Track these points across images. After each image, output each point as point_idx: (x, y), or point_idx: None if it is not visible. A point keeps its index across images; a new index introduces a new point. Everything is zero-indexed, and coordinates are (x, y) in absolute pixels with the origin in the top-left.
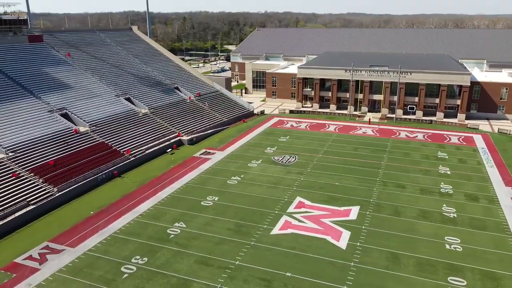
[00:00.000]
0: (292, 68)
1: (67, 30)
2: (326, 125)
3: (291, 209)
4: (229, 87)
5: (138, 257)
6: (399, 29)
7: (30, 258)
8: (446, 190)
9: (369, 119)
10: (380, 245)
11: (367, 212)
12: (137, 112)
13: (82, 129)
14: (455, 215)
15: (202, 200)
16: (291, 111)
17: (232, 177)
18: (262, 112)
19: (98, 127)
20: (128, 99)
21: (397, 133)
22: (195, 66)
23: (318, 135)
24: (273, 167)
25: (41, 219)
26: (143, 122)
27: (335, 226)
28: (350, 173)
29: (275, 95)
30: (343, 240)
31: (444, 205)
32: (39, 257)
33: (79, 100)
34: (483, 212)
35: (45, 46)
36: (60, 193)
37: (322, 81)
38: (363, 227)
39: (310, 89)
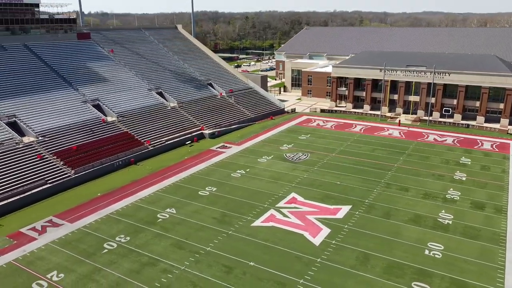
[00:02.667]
0: (328, 67)
1: (115, 29)
2: (353, 125)
3: (281, 203)
4: (264, 85)
5: (122, 236)
6: (455, 28)
7: (33, 229)
8: (452, 196)
9: (399, 120)
10: (356, 245)
11: (357, 212)
12: (166, 106)
13: (110, 119)
14: (450, 222)
15: (200, 190)
16: (322, 110)
17: (237, 171)
18: (293, 111)
19: (125, 118)
20: (160, 93)
21: (425, 136)
22: (246, 64)
23: (341, 135)
24: (281, 163)
25: (54, 197)
26: (169, 115)
27: (317, 223)
28: (357, 173)
29: (310, 94)
30: (319, 237)
31: (443, 211)
32: (40, 229)
33: (113, 93)
34: (483, 221)
35: (92, 43)
36: (76, 175)
37: (357, 81)
38: (346, 226)
39: (345, 89)
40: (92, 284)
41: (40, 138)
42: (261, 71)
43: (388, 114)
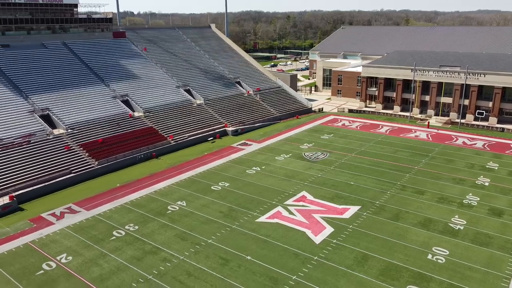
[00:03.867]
0: (359, 67)
1: (150, 28)
2: (380, 126)
3: (289, 201)
4: (294, 84)
5: (132, 224)
6: (499, 27)
7: (53, 214)
8: (470, 202)
9: (428, 122)
10: (357, 245)
11: (365, 213)
12: (192, 103)
13: (136, 114)
14: (461, 227)
15: (213, 185)
16: (350, 111)
17: (253, 167)
18: (320, 110)
19: (151, 113)
20: (188, 91)
21: (454, 139)
22: (282, 63)
23: (364, 135)
24: (298, 162)
25: (76, 185)
26: (194, 112)
27: (321, 222)
28: (373, 174)
29: (340, 93)
30: (321, 236)
31: (456, 216)
32: (59, 215)
33: (142, 89)
34: (498, 228)
35: (126, 42)
36: (99, 166)
37: (389, 81)
38: (351, 226)
39: (375, 89)
40: (95, 268)
41: (69, 130)
42: (296, 70)
43: (418, 116)
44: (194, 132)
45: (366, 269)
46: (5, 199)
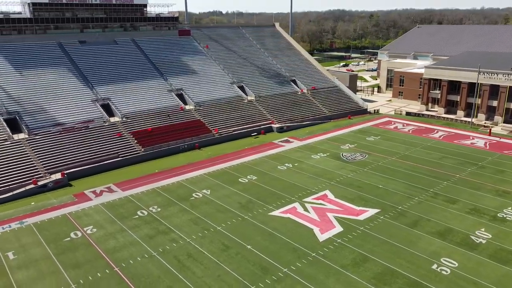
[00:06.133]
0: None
1: (215, 26)
2: (435, 130)
3: (309, 198)
4: (353, 84)
5: (155, 206)
6: None
7: (94, 192)
8: (505, 216)
9: (490, 129)
10: (360, 247)
11: (382, 217)
12: (243, 99)
13: (188, 107)
14: (483, 241)
15: (241, 177)
16: (408, 113)
17: (286, 164)
18: (376, 111)
19: (201, 107)
20: (241, 87)
21: None
22: (355, 63)
23: (414, 139)
24: (333, 161)
25: (121, 169)
26: (244, 108)
27: (333, 221)
28: (407, 179)
29: (401, 95)
30: (326, 234)
31: (483, 229)
32: (98, 193)
33: (197, 84)
34: None
35: (190, 39)
36: (144, 153)
37: (454, 84)
38: (362, 228)
39: (438, 92)
40: (111, 241)
41: (123, 119)
42: (367, 70)
43: (482, 122)
44: (239, 127)
45: (361, 271)
46: (58, 176)
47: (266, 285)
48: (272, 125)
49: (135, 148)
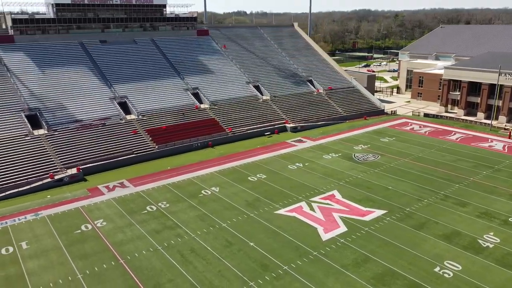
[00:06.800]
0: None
1: (233, 26)
2: (452, 132)
3: (316, 198)
4: (371, 85)
5: (165, 202)
6: None
7: (107, 187)
8: None
9: (510, 132)
10: (363, 247)
11: (388, 218)
12: (258, 98)
13: (203, 106)
14: (490, 245)
15: (250, 176)
16: (426, 115)
17: (296, 163)
18: (393, 112)
19: (216, 106)
20: (256, 87)
21: None
22: (376, 64)
23: (430, 141)
24: (344, 162)
25: (135, 165)
26: (259, 107)
27: (338, 221)
28: (418, 181)
29: (420, 96)
30: (330, 234)
31: (491, 233)
32: (111, 188)
33: (213, 83)
34: None
35: (208, 39)
36: (158, 150)
37: (473, 85)
38: (366, 229)
39: (457, 93)
40: (119, 234)
41: (139, 116)
42: (388, 71)
43: (503, 125)
44: (253, 126)
45: (361, 271)
46: (73, 170)
47: (265, 281)
48: (286, 124)
49: (150, 145)
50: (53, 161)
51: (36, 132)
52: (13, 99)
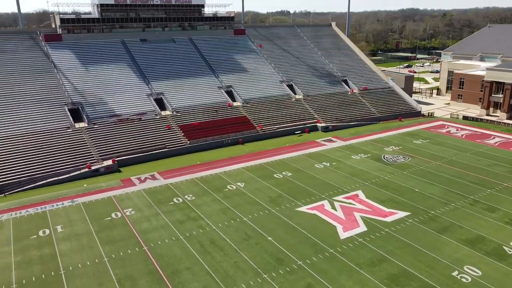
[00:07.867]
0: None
1: (270, 26)
2: (491, 136)
3: (339, 197)
4: (409, 86)
5: (191, 195)
6: None
7: (139, 178)
8: None
9: None
10: (380, 248)
11: (410, 220)
12: (291, 97)
13: (235, 104)
14: None
15: (276, 173)
16: (465, 117)
17: (323, 162)
18: (431, 114)
19: (249, 104)
20: (290, 86)
21: None
22: (419, 65)
23: (466, 145)
24: (373, 162)
25: (167, 159)
26: (291, 106)
27: (358, 221)
28: (448, 184)
29: (461, 98)
30: (349, 233)
31: None
32: (143, 179)
33: (246, 82)
34: None
35: (245, 38)
36: (189, 145)
37: None
38: (387, 229)
39: (500, 96)
40: (145, 223)
41: (174, 113)
42: (431, 72)
43: None
44: (284, 125)
45: (376, 270)
46: (109, 162)
47: (278, 274)
48: (318, 124)
49: (182, 140)
50: (91, 152)
51: (77, 125)
52: (59, 93)
